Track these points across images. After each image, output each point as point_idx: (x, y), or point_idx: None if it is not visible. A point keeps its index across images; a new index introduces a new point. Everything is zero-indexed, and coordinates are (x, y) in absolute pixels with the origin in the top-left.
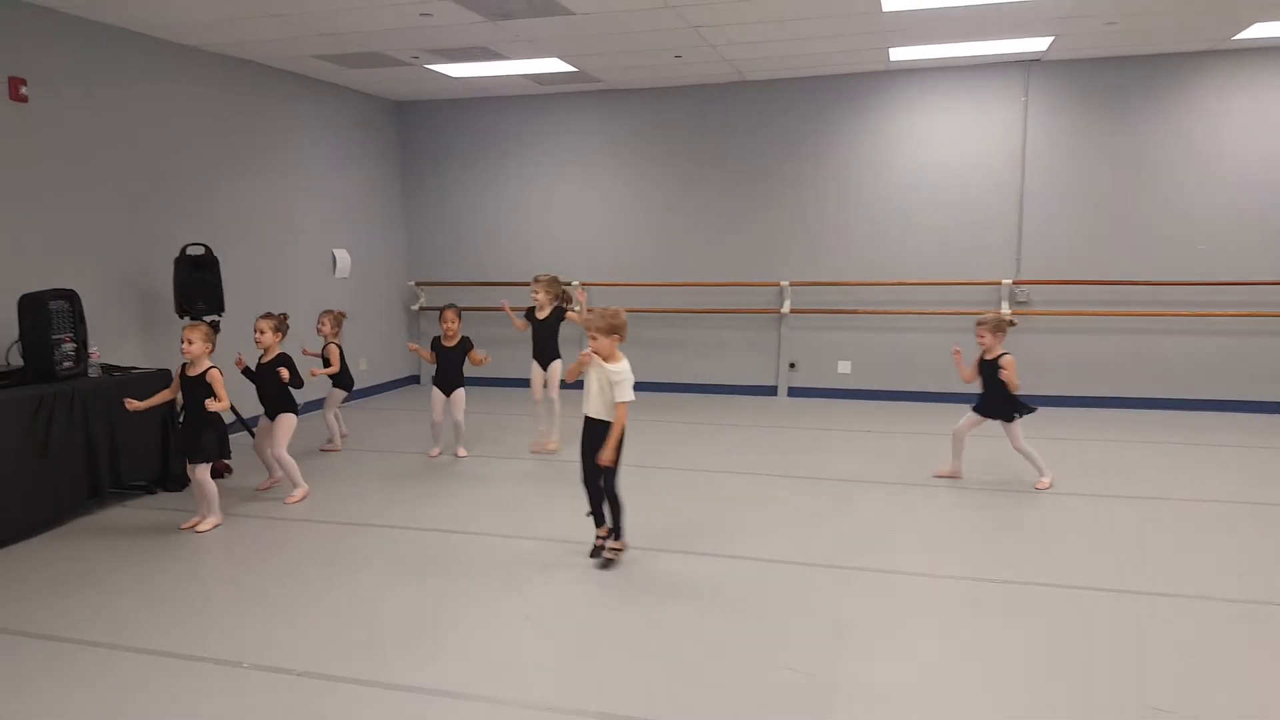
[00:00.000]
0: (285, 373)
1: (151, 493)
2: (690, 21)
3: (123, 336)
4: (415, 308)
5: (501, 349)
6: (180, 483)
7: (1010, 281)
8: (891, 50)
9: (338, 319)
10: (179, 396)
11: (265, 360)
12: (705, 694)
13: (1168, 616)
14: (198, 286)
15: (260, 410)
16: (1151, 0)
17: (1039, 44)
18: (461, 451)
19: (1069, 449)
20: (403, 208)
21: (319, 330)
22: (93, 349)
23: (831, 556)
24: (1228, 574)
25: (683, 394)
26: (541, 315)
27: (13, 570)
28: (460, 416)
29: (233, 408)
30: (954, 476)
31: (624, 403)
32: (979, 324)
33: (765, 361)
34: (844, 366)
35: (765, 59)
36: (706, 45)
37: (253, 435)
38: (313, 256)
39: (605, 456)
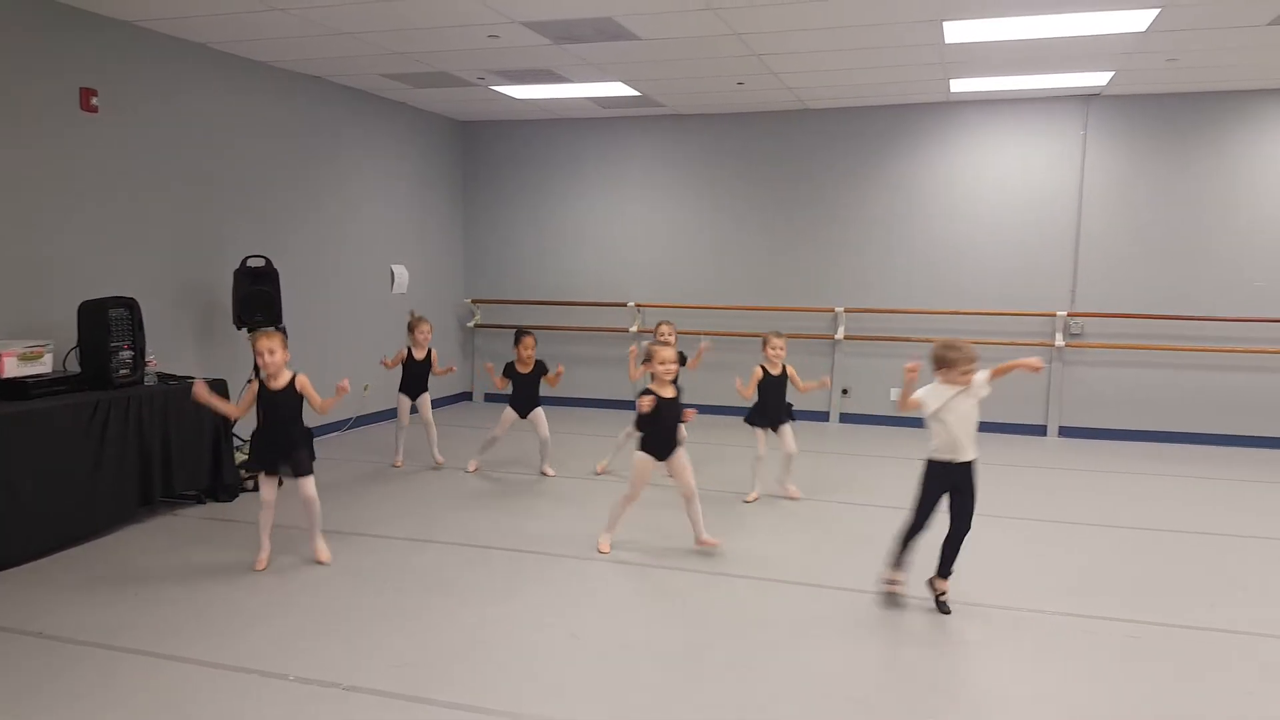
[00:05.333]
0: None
1: (201, 503)
2: (754, 49)
3: (180, 346)
4: (471, 325)
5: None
6: (230, 494)
7: (1064, 314)
8: (952, 81)
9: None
10: (257, 412)
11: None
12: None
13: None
14: (256, 298)
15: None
16: (1213, 37)
17: (1099, 79)
18: (548, 470)
19: (1121, 482)
20: (462, 226)
21: (427, 337)
22: (150, 357)
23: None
24: None
25: (738, 416)
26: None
27: (62, 576)
28: (545, 433)
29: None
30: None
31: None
32: (777, 336)
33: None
34: (896, 394)
35: (827, 88)
36: (769, 73)
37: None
38: (372, 272)
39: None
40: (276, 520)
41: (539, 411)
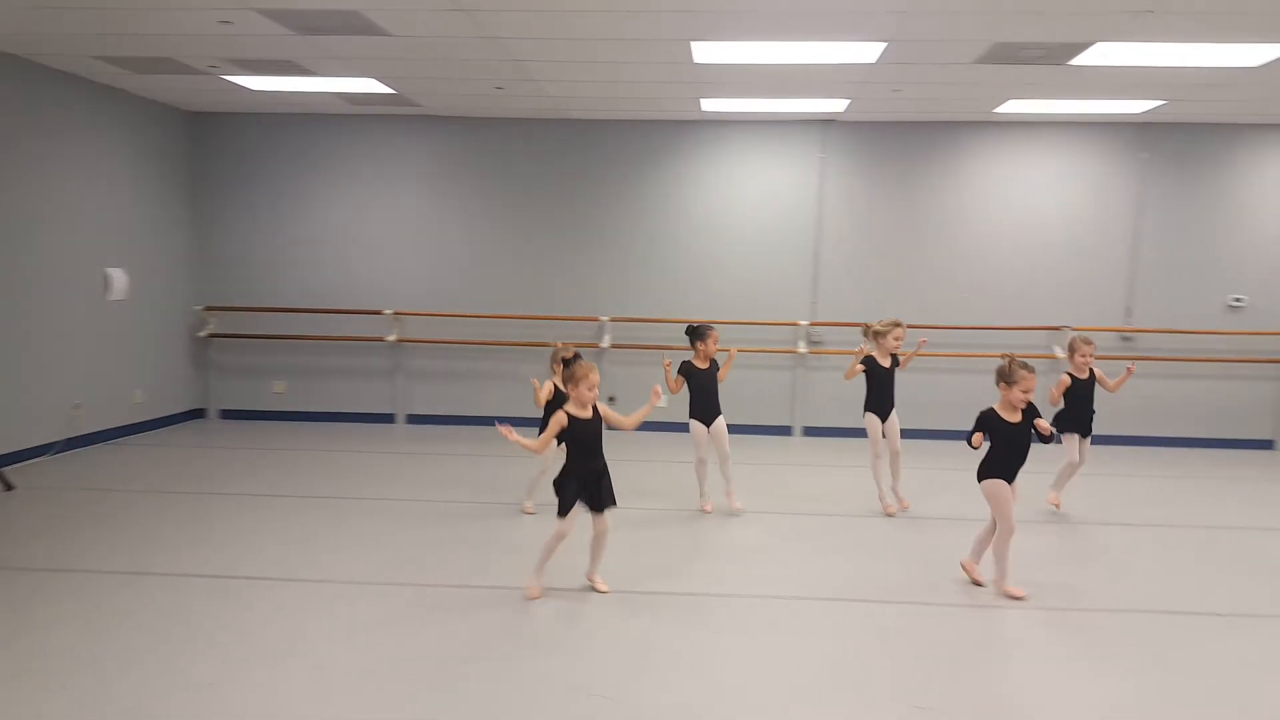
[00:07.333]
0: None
1: None
2: (512, 55)
3: None
4: (204, 334)
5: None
6: None
7: (807, 323)
8: (703, 100)
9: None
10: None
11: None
12: None
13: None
14: None
15: None
16: (931, 72)
17: (837, 105)
18: (736, 504)
19: (835, 475)
20: (192, 226)
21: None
22: None
23: (639, 582)
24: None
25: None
26: (886, 363)
27: None
28: (727, 447)
29: None
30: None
31: None
32: (1087, 343)
33: None
34: (660, 401)
35: (586, 99)
36: (528, 80)
37: (7, 485)
38: (84, 276)
39: None
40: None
41: (722, 422)
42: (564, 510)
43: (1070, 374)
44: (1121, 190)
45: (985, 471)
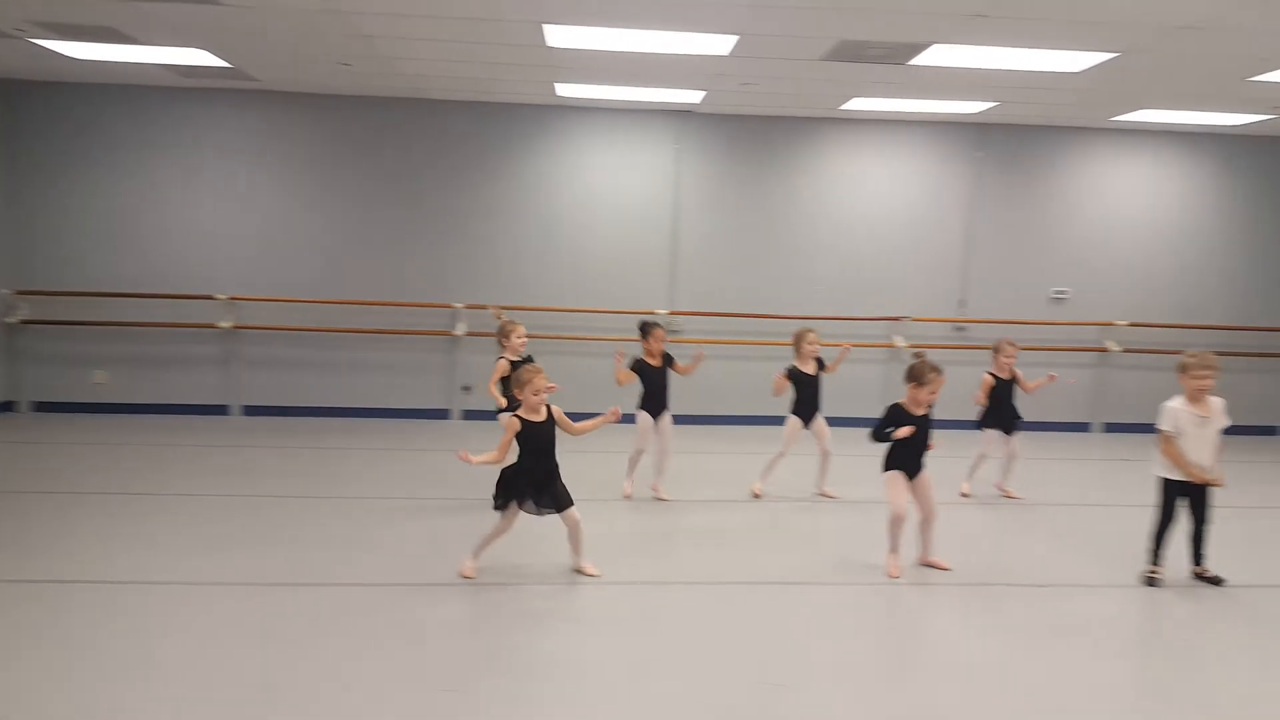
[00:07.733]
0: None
1: None
2: (360, 30)
3: None
4: (14, 320)
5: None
6: None
7: (666, 312)
8: (557, 85)
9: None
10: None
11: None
12: None
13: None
14: None
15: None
16: (780, 66)
17: (693, 96)
18: (662, 494)
19: (700, 460)
20: (2, 204)
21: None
22: None
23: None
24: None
25: (349, 418)
26: (810, 369)
27: None
28: (669, 443)
29: None
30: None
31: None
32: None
33: (438, 384)
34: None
35: (441, 78)
36: (379, 56)
37: None
38: None
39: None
40: None
41: (668, 418)
42: (501, 505)
43: (993, 374)
44: (957, 187)
45: (889, 463)
